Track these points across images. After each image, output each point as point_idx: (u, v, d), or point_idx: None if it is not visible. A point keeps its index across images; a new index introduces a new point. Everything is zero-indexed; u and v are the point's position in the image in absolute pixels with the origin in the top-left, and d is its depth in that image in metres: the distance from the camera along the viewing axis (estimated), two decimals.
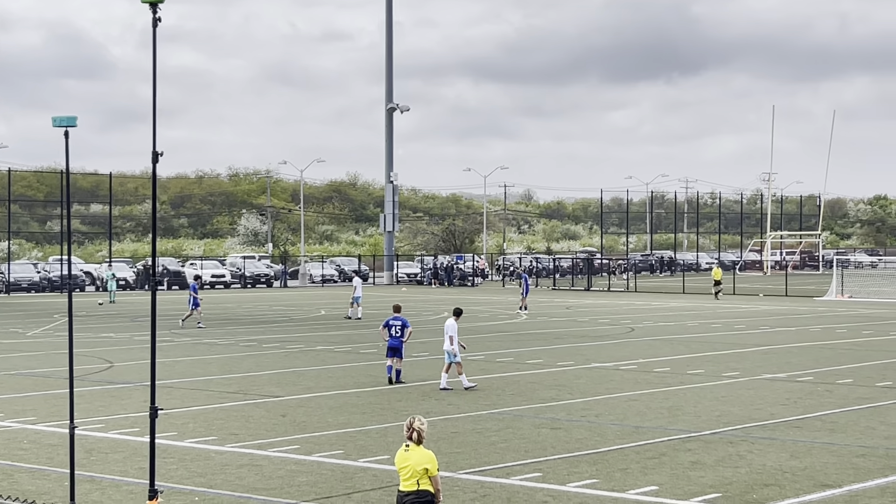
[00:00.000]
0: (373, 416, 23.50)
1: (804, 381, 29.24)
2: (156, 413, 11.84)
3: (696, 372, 31.15)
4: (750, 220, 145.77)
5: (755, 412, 24.11)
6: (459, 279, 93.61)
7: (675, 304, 64.80)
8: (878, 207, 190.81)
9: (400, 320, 28.97)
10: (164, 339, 39.88)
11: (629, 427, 22.32)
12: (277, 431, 21.71)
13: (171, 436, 20.94)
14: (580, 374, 30.71)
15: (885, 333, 44.01)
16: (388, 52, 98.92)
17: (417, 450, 12.07)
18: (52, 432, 21.60)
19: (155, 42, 11.21)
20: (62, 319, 51.54)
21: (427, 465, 11.94)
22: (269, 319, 51.94)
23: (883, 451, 19.86)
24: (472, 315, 53.48)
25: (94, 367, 32.17)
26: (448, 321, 28.39)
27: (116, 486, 17.00)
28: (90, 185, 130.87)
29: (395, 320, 28.97)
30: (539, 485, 17.06)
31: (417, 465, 11.96)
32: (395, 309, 29.62)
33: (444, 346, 28.05)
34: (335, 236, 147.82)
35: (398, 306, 29.90)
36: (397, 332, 28.76)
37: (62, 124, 12.40)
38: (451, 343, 27.78)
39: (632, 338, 42.33)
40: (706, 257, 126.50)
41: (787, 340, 40.88)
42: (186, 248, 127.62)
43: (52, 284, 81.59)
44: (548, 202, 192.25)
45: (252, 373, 31.12)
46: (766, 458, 19.17)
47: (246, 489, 16.80)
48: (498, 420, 23.02)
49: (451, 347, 27.76)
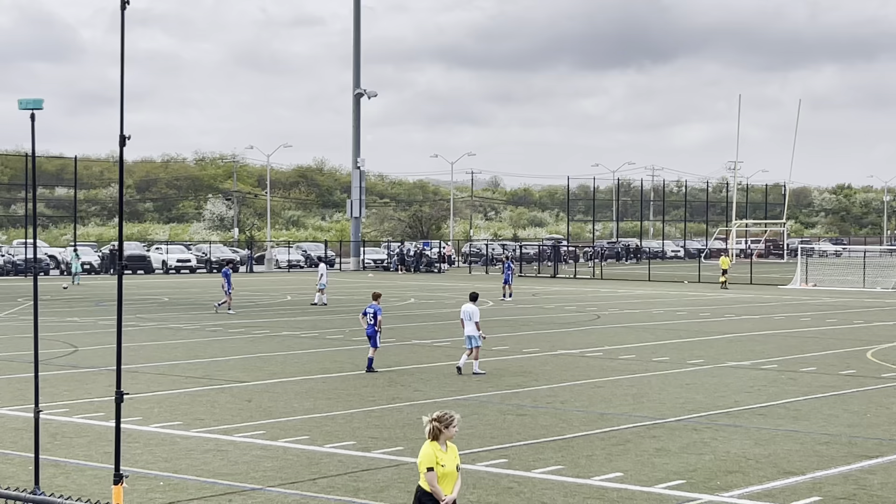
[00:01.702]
0: (339, 402, 23.49)
1: (768, 369, 29.40)
2: (121, 398, 11.79)
3: (661, 359, 31.28)
4: (716, 209, 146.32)
5: (719, 399, 24.23)
6: (426, 265, 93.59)
7: (641, 291, 65.02)
8: (843, 197, 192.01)
9: (374, 308, 29.00)
10: (129, 324, 39.73)
11: (594, 414, 22.40)
12: (243, 417, 21.68)
13: (136, 420, 20.88)
14: (546, 360, 30.78)
15: (849, 322, 44.29)
16: (356, 37, 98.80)
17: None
18: (16, 416, 21.50)
19: (123, 25, 11.14)
20: (27, 303, 51.26)
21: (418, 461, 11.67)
22: (235, 305, 51.78)
23: (846, 438, 19.99)
24: (439, 302, 53.53)
25: (59, 352, 32.02)
26: (467, 306, 28.45)
27: (81, 471, 16.95)
28: (55, 169, 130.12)
29: (370, 308, 29.02)
30: (504, 471, 17.11)
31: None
32: (374, 297, 29.66)
33: (467, 331, 28.16)
34: (302, 222, 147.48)
35: (377, 294, 29.96)
36: (371, 319, 28.83)
37: (28, 107, 12.30)
38: (478, 328, 28.12)
39: (597, 325, 42.46)
40: (672, 245, 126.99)
41: (751, 328, 41.09)
42: (152, 232, 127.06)
43: (16, 268, 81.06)
44: (515, 189, 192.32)
45: (218, 358, 31.05)
46: (730, 445, 19.28)
47: (211, 474, 16.77)
48: (464, 406, 23.05)
49: (475, 332, 27.97)
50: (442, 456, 11.42)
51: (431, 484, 11.32)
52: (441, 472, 11.37)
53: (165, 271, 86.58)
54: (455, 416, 11.59)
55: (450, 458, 11.49)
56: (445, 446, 11.49)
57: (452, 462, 11.50)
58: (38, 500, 9.04)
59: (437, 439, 11.46)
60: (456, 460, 11.55)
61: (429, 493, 11.34)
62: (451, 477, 11.46)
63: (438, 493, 11.30)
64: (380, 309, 29.17)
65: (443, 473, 11.38)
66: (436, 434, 11.46)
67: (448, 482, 11.40)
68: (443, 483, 11.34)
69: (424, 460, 11.41)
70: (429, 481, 11.33)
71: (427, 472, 11.35)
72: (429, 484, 11.33)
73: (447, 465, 11.43)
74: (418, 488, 11.47)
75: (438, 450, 11.44)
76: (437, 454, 11.41)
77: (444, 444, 11.48)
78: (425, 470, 11.38)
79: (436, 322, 40.52)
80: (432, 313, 46.94)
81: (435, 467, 11.35)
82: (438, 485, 11.31)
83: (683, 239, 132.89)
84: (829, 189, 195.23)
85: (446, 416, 11.50)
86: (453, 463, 11.50)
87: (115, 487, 11.59)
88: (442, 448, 11.46)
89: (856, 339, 37.47)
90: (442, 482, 11.34)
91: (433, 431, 11.46)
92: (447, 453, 11.48)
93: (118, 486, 11.59)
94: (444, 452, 11.46)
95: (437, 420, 11.48)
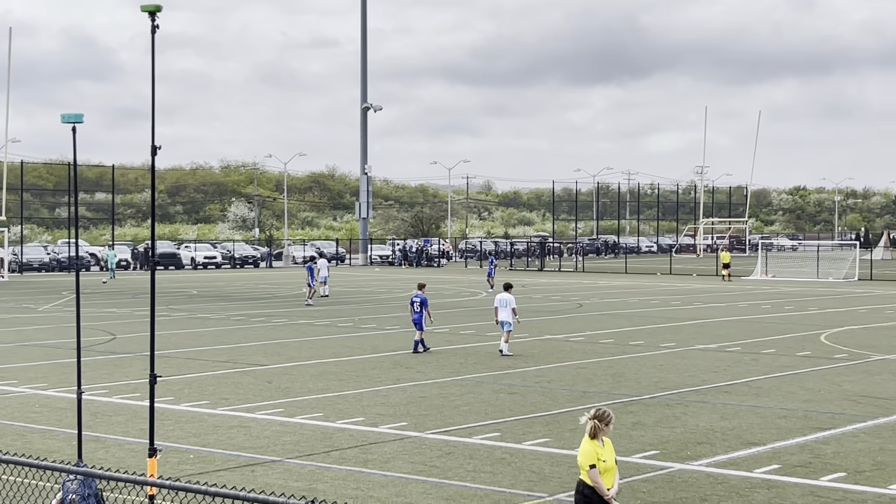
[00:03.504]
0: (349, 383, 23.48)
1: (732, 351, 29.39)
2: (155, 380, 11.78)
3: (637, 343, 31.26)
4: (685, 209, 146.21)
5: (689, 378, 24.23)
6: (427, 260, 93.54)
7: (619, 282, 64.98)
8: (799, 197, 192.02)
9: (419, 297, 29.28)
10: (161, 314, 39.70)
11: (578, 392, 22.39)
12: (264, 396, 21.67)
13: (168, 400, 20.87)
14: (534, 345, 30.76)
15: (804, 309, 44.28)
16: (363, 57, 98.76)
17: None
18: (61, 397, 21.49)
19: (154, 46, 11.12)
20: (70, 296, 51.22)
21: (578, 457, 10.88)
22: (256, 296, 51.75)
23: (802, 412, 20.00)
24: (437, 292, 53.49)
25: (99, 339, 32.00)
26: (503, 295, 28.61)
27: (119, 446, 16.94)
28: (95, 176, 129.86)
29: (417, 297, 29.32)
30: (498, 443, 17.10)
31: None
32: (419, 287, 30.11)
33: (501, 317, 28.25)
34: (315, 222, 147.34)
35: (422, 284, 30.46)
36: (418, 307, 29.03)
37: (70, 121, 12.29)
38: (515, 314, 28.32)
39: (580, 313, 42.44)
40: (646, 241, 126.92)
41: (717, 315, 41.07)
42: (182, 232, 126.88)
43: (60, 265, 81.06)
44: (505, 192, 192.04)
45: (241, 344, 31.03)
46: (699, 419, 19.28)
47: (236, 448, 16.77)
48: (461, 386, 23.05)
49: (510, 318, 28.11)
50: (602, 452, 10.71)
51: (595, 480, 10.61)
52: (603, 468, 10.66)
53: (194, 267, 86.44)
54: (612, 414, 10.90)
55: (608, 452, 10.80)
56: (602, 442, 10.76)
57: (612, 457, 10.83)
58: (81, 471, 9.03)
59: (596, 437, 10.73)
60: (613, 454, 10.90)
61: (591, 488, 10.63)
62: (611, 471, 10.79)
63: (601, 488, 10.62)
64: (426, 298, 29.41)
65: (604, 468, 10.69)
66: (595, 432, 10.72)
67: (609, 476, 10.74)
68: (604, 477, 10.67)
69: (587, 458, 10.65)
70: (592, 478, 10.61)
71: (590, 469, 10.60)
72: (592, 480, 10.62)
73: (608, 460, 10.74)
74: (580, 483, 10.78)
75: (598, 446, 10.71)
76: (598, 451, 10.69)
77: (601, 440, 10.76)
78: (588, 467, 10.62)
79: (435, 311, 40.36)
80: (432, 303, 46.83)
81: (597, 463, 10.63)
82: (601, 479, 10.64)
83: (656, 236, 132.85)
84: (786, 190, 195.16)
85: (606, 415, 10.79)
86: (612, 457, 10.84)
87: (150, 460, 11.58)
88: (600, 444, 10.74)
89: (810, 324, 37.47)
90: (603, 476, 10.66)
91: (593, 429, 10.72)
92: (605, 448, 10.76)
93: (153, 459, 11.58)
94: (603, 448, 10.74)
95: (597, 418, 10.75)
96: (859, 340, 32.17)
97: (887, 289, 58.86)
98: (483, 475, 15.01)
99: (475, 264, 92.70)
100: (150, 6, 11.10)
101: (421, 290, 29.87)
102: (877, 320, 39.18)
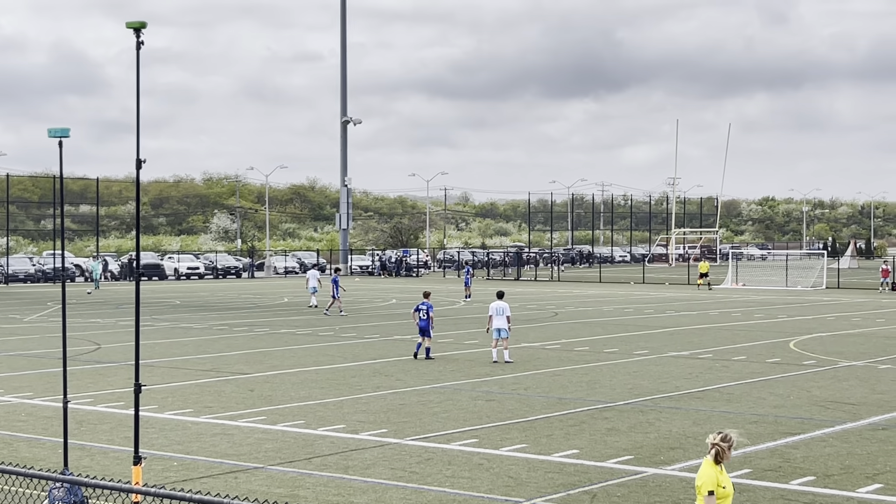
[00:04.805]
0: (330, 391, 23.44)
1: (704, 358, 29.48)
2: (139, 389, 11.74)
3: (612, 350, 31.32)
4: (657, 219, 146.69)
5: (662, 385, 24.28)
6: (406, 270, 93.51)
7: (593, 291, 65.10)
8: (768, 208, 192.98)
9: (426, 305, 29.27)
10: (145, 324, 39.54)
11: (553, 398, 22.41)
12: (246, 404, 21.61)
13: (152, 409, 20.79)
14: (511, 353, 30.73)
15: (774, 317, 44.45)
16: (343, 72, 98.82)
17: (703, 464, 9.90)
18: (46, 406, 21.38)
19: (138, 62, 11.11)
20: (55, 306, 50.98)
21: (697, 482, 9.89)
22: (239, 306, 51.61)
23: (772, 418, 20.07)
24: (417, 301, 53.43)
25: (84, 349, 31.86)
26: (498, 303, 28.54)
27: (104, 454, 16.86)
28: (80, 188, 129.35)
29: (423, 305, 29.28)
30: (476, 449, 17.10)
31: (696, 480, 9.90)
32: (425, 295, 30.14)
33: (496, 325, 28.23)
34: (296, 233, 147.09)
35: (427, 292, 30.44)
36: (424, 315, 29.03)
37: (56, 135, 12.25)
38: (508, 321, 28.38)
39: (556, 321, 42.49)
40: (620, 251, 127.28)
41: (689, 323, 41.19)
42: (165, 243, 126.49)
43: (45, 276, 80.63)
44: (483, 203, 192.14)
45: (224, 353, 30.94)
46: (672, 424, 19.32)
47: (219, 455, 16.71)
48: (440, 393, 23.04)
49: (505, 325, 28.18)
50: (721, 478, 9.68)
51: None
52: (721, 494, 9.65)
53: (177, 277, 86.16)
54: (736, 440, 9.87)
55: (727, 479, 9.76)
56: (721, 467, 9.76)
57: (730, 483, 9.80)
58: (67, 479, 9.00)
59: (720, 461, 9.70)
60: (730, 481, 9.85)
61: None
62: (728, 499, 9.74)
63: None
64: (431, 306, 29.47)
65: (723, 495, 9.67)
66: (720, 456, 9.69)
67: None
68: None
69: (707, 482, 9.60)
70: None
71: (708, 495, 9.57)
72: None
73: (727, 486, 9.71)
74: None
75: (719, 472, 9.69)
76: (719, 476, 9.66)
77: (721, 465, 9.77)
78: (706, 493, 9.59)
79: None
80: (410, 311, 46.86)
81: (716, 490, 9.61)
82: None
83: (630, 245, 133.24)
84: (755, 201, 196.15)
85: (731, 438, 9.76)
86: (731, 484, 9.81)
87: (134, 467, 11.54)
88: (721, 470, 9.73)
89: (780, 331, 37.62)
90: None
91: (718, 453, 9.70)
92: (723, 474, 9.74)
93: (137, 467, 11.55)
94: (722, 473, 9.72)
95: (724, 441, 9.71)
96: (827, 347, 32.32)
97: (854, 297, 59.17)
98: (461, 481, 15.00)
99: (453, 274, 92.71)
100: (135, 23, 11.10)
101: (427, 297, 30.03)
102: (844, 328, 39.36)
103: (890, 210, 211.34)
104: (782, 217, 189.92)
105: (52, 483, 10.86)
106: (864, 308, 49.96)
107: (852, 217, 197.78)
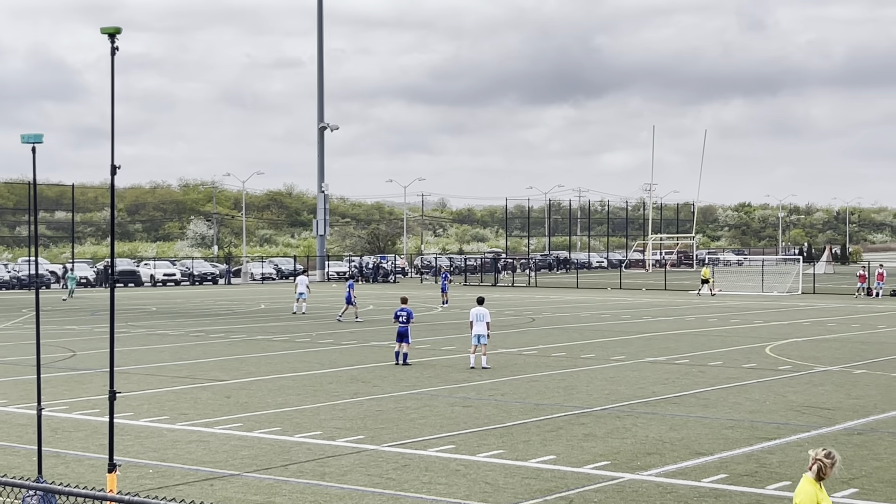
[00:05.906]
0: (307, 397, 23.39)
1: (681, 364, 29.56)
2: (114, 396, 11.68)
3: (588, 356, 31.36)
4: (634, 225, 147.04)
5: (639, 390, 24.33)
6: (383, 276, 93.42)
7: (570, 297, 65.20)
8: (744, 213, 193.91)
9: (405, 311, 29.26)
10: (121, 331, 39.36)
11: (530, 404, 22.43)
12: (222, 411, 21.54)
13: (127, 416, 20.69)
14: (488, 358, 30.74)
15: (750, 322, 44.62)
16: (320, 78, 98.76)
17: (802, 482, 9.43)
18: (21, 413, 21.25)
19: (113, 68, 11.07)
20: (30, 313, 50.69)
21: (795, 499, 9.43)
22: (215, 313, 51.44)
23: (748, 423, 20.14)
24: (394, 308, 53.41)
25: (59, 356, 31.69)
26: (478, 309, 28.47)
27: (79, 461, 16.77)
28: (55, 195, 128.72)
29: (402, 311, 29.28)
30: (453, 455, 17.09)
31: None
32: (403, 301, 30.13)
33: (476, 331, 28.15)
34: (273, 239, 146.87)
35: (405, 298, 30.47)
36: (404, 320, 29.02)
37: (29, 141, 12.18)
38: (488, 328, 28.32)
39: (533, 327, 42.53)
40: (597, 257, 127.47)
41: (666, 328, 41.30)
42: (141, 249, 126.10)
43: (20, 282, 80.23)
44: (460, 209, 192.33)
45: (200, 360, 30.83)
46: (648, 430, 19.36)
47: (195, 462, 16.65)
48: (417, 399, 23.02)
49: (485, 331, 28.12)
50: (821, 495, 9.25)
51: None
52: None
53: (153, 284, 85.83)
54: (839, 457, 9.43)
55: (826, 497, 9.32)
56: (821, 485, 9.32)
57: (829, 502, 9.37)
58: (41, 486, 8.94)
59: (821, 479, 9.28)
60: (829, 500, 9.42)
61: None
62: None
63: None
64: (411, 311, 29.52)
65: None
66: (822, 473, 9.27)
67: None
68: None
69: (805, 500, 9.19)
70: None
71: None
72: None
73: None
74: None
75: (819, 490, 9.25)
76: (819, 494, 9.22)
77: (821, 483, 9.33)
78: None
79: (392, 326, 40.28)
80: (388, 318, 46.75)
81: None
82: None
83: (607, 251, 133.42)
84: (732, 207, 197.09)
85: (835, 456, 9.34)
86: (829, 503, 9.39)
87: (109, 475, 11.48)
88: (820, 487, 9.29)
89: (756, 336, 37.76)
90: None
91: (821, 469, 9.28)
92: (822, 492, 9.30)
93: (112, 474, 11.48)
94: (822, 491, 9.28)
95: (827, 457, 9.29)
96: (803, 352, 32.46)
97: (829, 302, 59.46)
98: (438, 487, 14.99)
99: (430, 280, 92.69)
100: (109, 28, 11.05)
101: (405, 303, 30.04)
102: (819, 333, 39.55)
103: (865, 215, 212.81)
104: (758, 223, 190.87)
105: (25, 491, 10.79)
106: (840, 313, 50.22)
107: (828, 223, 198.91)
